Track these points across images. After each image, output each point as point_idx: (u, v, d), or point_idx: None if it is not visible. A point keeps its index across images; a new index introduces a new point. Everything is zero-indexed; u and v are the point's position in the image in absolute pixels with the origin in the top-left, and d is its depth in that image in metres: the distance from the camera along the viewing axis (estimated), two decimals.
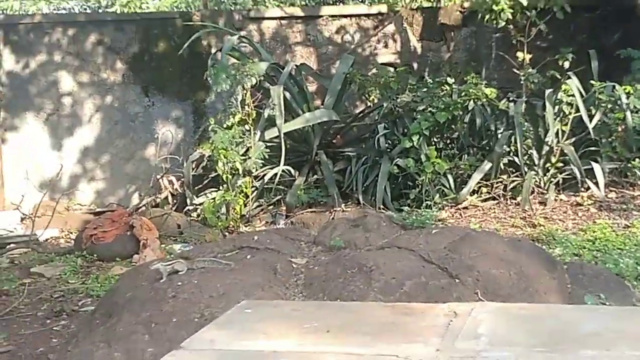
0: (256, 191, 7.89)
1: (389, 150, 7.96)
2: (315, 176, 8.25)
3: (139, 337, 3.61)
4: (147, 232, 6.95)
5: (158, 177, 8.61)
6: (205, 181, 8.36)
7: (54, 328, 5.39)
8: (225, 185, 7.59)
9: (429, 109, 7.74)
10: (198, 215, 7.99)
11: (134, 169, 9.55)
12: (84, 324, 4.26)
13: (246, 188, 7.65)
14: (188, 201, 8.19)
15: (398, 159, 7.66)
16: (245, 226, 7.61)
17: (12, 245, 7.69)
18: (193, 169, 8.30)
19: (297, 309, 3.33)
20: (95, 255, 7.00)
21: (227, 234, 7.38)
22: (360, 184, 7.78)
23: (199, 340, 2.97)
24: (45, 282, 6.53)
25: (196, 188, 8.29)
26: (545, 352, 2.45)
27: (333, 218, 7.17)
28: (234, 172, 7.59)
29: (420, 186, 7.43)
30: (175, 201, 8.46)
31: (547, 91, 7.39)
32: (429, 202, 7.21)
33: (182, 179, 8.45)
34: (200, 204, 7.99)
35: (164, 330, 3.62)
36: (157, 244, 6.84)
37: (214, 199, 7.73)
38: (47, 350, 4.95)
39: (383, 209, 7.36)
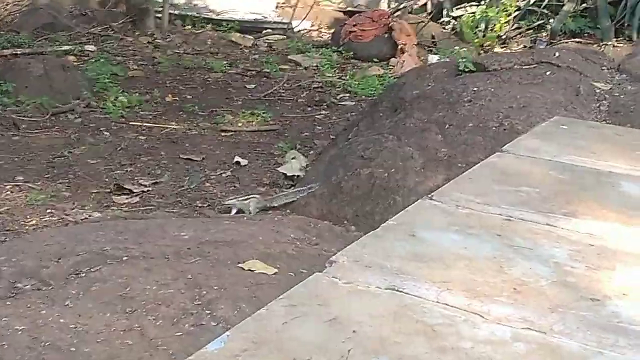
0: (519, 12, 7.38)
1: None
2: (585, 5, 7.56)
3: (431, 136, 3.49)
4: (406, 37, 6.74)
5: None
6: None
7: (316, 116, 5.44)
8: (488, 1, 7.15)
9: None
10: (452, 29, 7.64)
11: None
12: (365, 115, 4.19)
13: (510, 6, 7.18)
14: (444, 12, 7.83)
15: None
16: (501, 47, 7.20)
17: (268, 30, 7.76)
18: None
19: (619, 133, 3.05)
20: (351, 53, 6.91)
21: (481, 52, 7.04)
22: (637, 19, 7.05)
23: (521, 147, 2.78)
24: (303, 71, 6.56)
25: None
26: None
27: (603, 51, 6.61)
28: None
29: None
30: (431, 11, 8.11)
31: None
32: None
33: None
34: (457, 17, 7.61)
35: (458, 133, 3.47)
36: (415, 50, 6.64)
37: (473, 13, 7.33)
38: (311, 135, 5.00)
39: None
